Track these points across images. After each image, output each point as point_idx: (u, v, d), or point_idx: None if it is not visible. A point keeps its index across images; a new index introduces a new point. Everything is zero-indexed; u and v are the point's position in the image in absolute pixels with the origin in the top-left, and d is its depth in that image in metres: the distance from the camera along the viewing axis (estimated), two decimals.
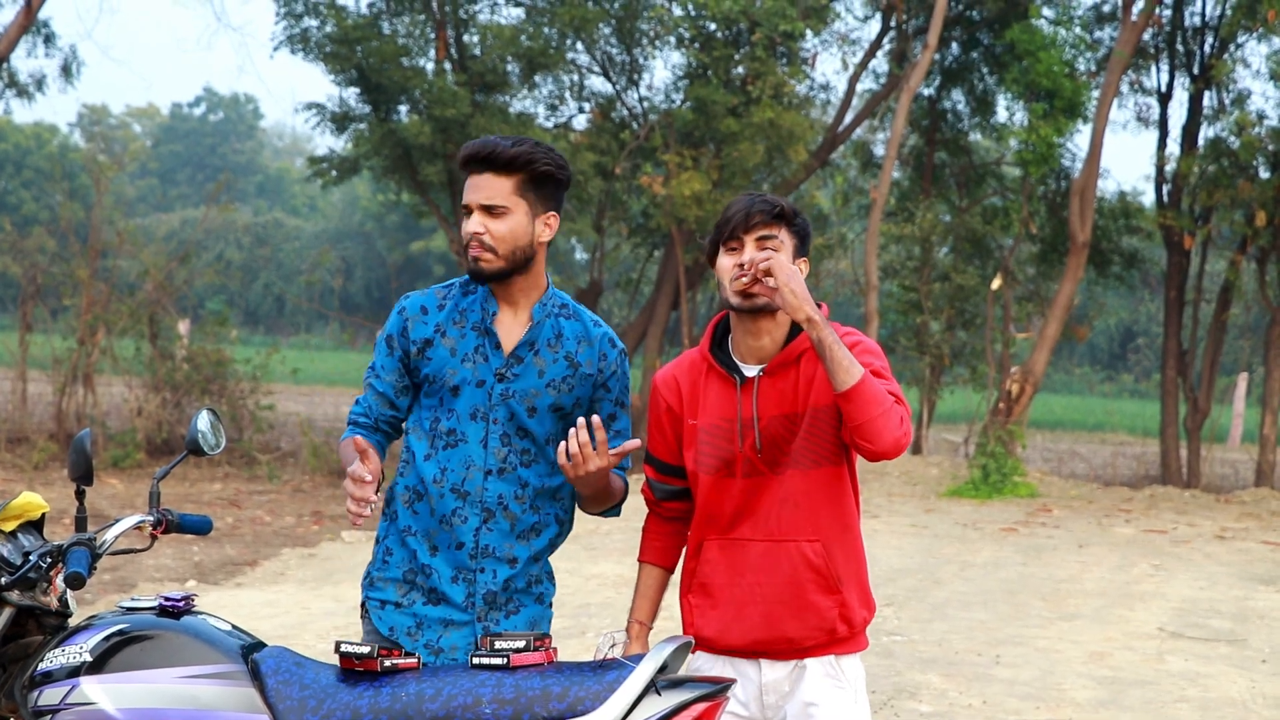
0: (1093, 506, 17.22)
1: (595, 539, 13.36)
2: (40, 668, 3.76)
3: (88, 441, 3.96)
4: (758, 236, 3.83)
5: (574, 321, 4.01)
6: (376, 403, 4.00)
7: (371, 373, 4.02)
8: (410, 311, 3.98)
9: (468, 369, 3.92)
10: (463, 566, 3.92)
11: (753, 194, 3.89)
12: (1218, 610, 10.73)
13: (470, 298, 3.98)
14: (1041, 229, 20.84)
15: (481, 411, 3.91)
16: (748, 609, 3.93)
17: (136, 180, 58.79)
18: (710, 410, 3.95)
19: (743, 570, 3.94)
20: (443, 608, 3.93)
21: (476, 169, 3.86)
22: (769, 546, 3.92)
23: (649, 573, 4.15)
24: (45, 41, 19.99)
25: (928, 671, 8.30)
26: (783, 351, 3.92)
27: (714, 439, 3.94)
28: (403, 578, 3.96)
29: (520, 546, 3.95)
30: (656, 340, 20.25)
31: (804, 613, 3.91)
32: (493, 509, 3.92)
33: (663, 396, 4.04)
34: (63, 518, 12.12)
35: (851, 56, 20.92)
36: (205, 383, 19.31)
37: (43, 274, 20.18)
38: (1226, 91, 21.07)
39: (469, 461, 3.91)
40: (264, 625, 8.94)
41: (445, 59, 19.51)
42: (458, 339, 3.94)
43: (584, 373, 3.97)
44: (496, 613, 3.94)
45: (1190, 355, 21.41)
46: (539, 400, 3.93)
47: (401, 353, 3.97)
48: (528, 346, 3.93)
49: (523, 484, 3.94)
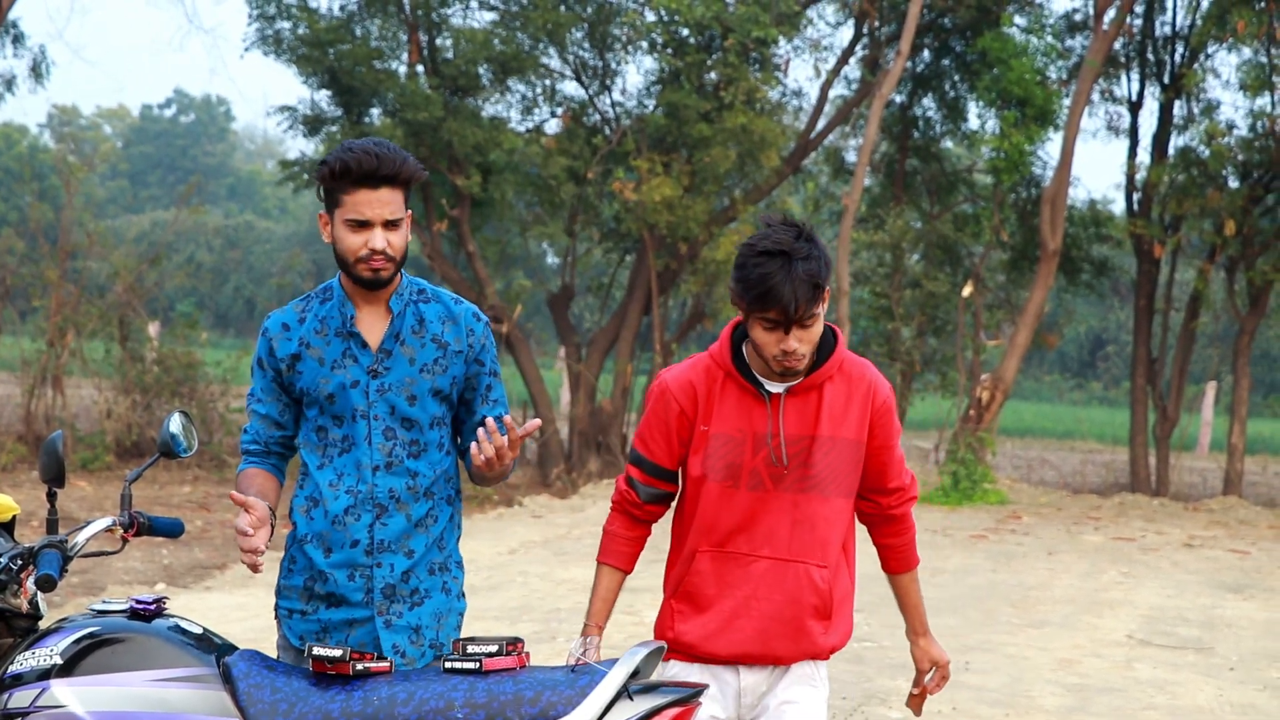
0: (1062, 514, 17.29)
1: (566, 544, 13.36)
2: (10, 670, 3.74)
3: (60, 443, 3.95)
4: (802, 321, 3.79)
5: (434, 304, 4.06)
6: (263, 426, 4.06)
7: (253, 398, 4.07)
8: (273, 331, 4.03)
9: (339, 375, 3.97)
10: (358, 564, 3.96)
11: (787, 267, 3.73)
12: (1186, 618, 10.78)
13: (327, 304, 4.03)
14: (1012, 236, 20.91)
15: (361, 411, 3.96)
16: (739, 622, 3.95)
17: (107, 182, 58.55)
18: (726, 419, 3.94)
19: (737, 583, 3.95)
20: (343, 609, 3.98)
21: (374, 185, 3.85)
22: (775, 564, 3.94)
23: (610, 575, 4.12)
24: (14, 42, 19.89)
25: (898, 677, 8.31)
26: (810, 376, 3.94)
27: (726, 448, 3.94)
28: (304, 585, 4.01)
29: (418, 536, 4.00)
30: (628, 345, 20.24)
31: (797, 634, 3.96)
32: (385, 504, 3.96)
33: (676, 399, 4.00)
34: (30, 520, 12.05)
35: (824, 63, 20.96)
36: (175, 385, 19.22)
37: (11, 275, 20.07)
38: (1196, 101, 21.17)
39: (359, 462, 3.96)
40: (234, 628, 8.91)
41: (418, 62, 19.47)
42: (324, 348, 3.99)
43: (454, 350, 4.02)
44: (399, 605, 3.98)
45: (1159, 363, 21.51)
46: (416, 388, 3.98)
47: (273, 373, 4.02)
48: (393, 338, 3.98)
49: (413, 475, 3.99)
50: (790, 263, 3.73)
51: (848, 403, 3.94)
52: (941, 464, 19.08)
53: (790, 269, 3.72)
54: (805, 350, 3.81)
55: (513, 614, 9.85)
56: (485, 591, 10.68)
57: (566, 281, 21.12)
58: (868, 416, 3.95)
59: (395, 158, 3.85)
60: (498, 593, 10.71)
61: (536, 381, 20.11)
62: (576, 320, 26.97)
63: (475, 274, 19.68)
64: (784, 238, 3.77)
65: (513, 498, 17.31)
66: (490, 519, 15.38)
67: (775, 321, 3.77)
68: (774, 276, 3.72)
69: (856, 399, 3.95)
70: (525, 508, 16.40)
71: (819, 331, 3.83)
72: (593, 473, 19.47)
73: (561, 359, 23.51)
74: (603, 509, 15.44)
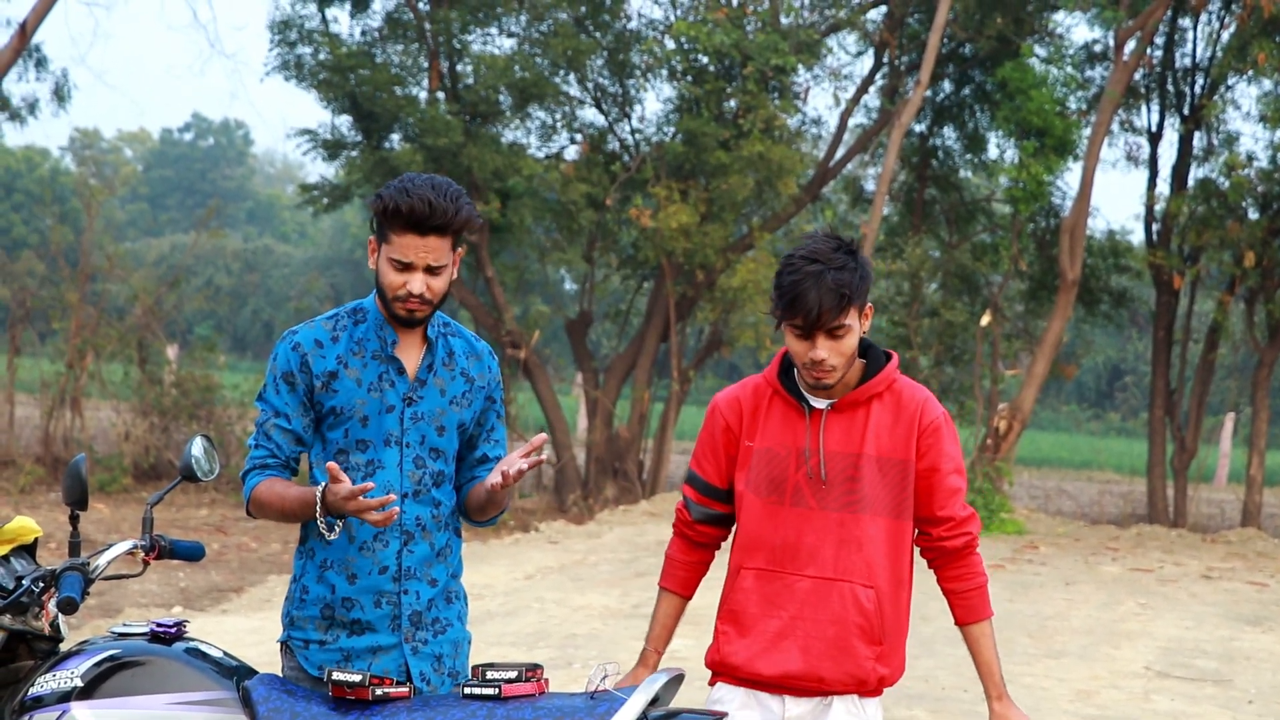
0: (1079, 544, 17.23)
1: (583, 570, 13.34)
2: (31, 692, 3.75)
3: (83, 467, 3.96)
4: (826, 331, 3.81)
5: (459, 339, 4.10)
6: (285, 441, 3.96)
7: (272, 414, 3.95)
8: (306, 346, 3.96)
9: (375, 398, 3.94)
10: (385, 591, 3.94)
11: (819, 274, 3.77)
12: (1204, 650, 10.73)
13: (362, 327, 4.00)
14: (1031, 266, 20.88)
15: (395, 437, 3.95)
16: (785, 642, 3.90)
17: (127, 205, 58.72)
18: (770, 435, 3.95)
19: (783, 603, 3.91)
20: (368, 636, 3.94)
21: (421, 231, 3.83)
22: (819, 584, 3.90)
23: (669, 600, 4.12)
24: (37, 65, 19.99)
25: (914, 708, 8.29)
26: (854, 391, 3.93)
27: (769, 463, 3.93)
28: (320, 614, 3.96)
29: (438, 566, 4.01)
30: (645, 372, 20.25)
31: (842, 656, 3.89)
32: (412, 531, 3.95)
33: (723, 416, 4.02)
34: (49, 542, 12.09)
35: (844, 91, 21.01)
36: (193, 408, 19.28)
37: (32, 297, 20.17)
38: (1216, 133, 21.16)
39: (388, 487, 3.93)
40: (250, 652, 8.90)
41: (438, 88, 19.55)
42: (360, 369, 3.96)
43: (478, 386, 4.07)
44: (423, 632, 3.97)
45: (1178, 395, 21.44)
46: (445, 419, 4.00)
47: (305, 389, 3.95)
48: (427, 369, 3.99)
49: (436, 504, 4.00)
50: (823, 271, 3.77)
51: (895, 422, 3.93)
52: None
53: (820, 277, 3.76)
54: (835, 362, 3.82)
55: (529, 640, 9.84)
56: (501, 617, 10.67)
57: (584, 308, 21.14)
58: (914, 436, 3.93)
59: (448, 209, 3.81)
60: (514, 619, 10.70)
61: (554, 408, 20.13)
62: (594, 346, 26.99)
63: (493, 300, 19.71)
64: (822, 247, 3.81)
65: (529, 523, 17.30)
66: (506, 545, 15.37)
67: (801, 329, 3.79)
68: (804, 283, 3.76)
69: (904, 419, 3.93)
70: (541, 533, 16.38)
71: (851, 345, 3.83)
72: (609, 499, 19.46)
73: (579, 385, 23.52)
74: (619, 535, 15.43)
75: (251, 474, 3.96)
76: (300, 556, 4.03)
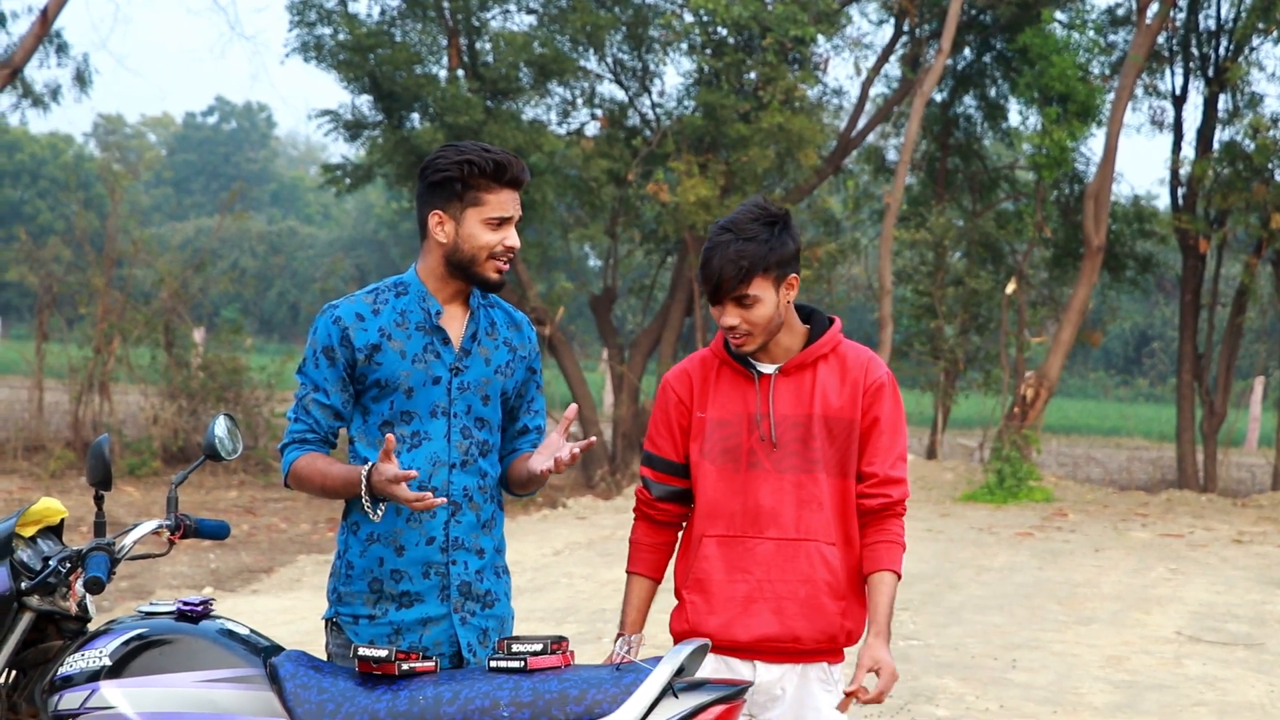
0: (1108, 511, 17.19)
1: (611, 544, 13.38)
2: (60, 672, 3.78)
3: (107, 447, 3.98)
4: (732, 299, 3.87)
5: (498, 309, 4.12)
6: (323, 416, 3.97)
7: (311, 388, 3.96)
8: (347, 320, 3.96)
9: (420, 369, 3.95)
10: (433, 561, 3.95)
11: (725, 244, 3.85)
12: (1235, 614, 10.70)
13: (404, 299, 4.01)
14: (1055, 233, 20.81)
15: (442, 408, 3.96)
16: (755, 605, 3.94)
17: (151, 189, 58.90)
18: (721, 404, 3.99)
19: (747, 567, 3.95)
20: (417, 608, 3.95)
21: (514, 185, 3.97)
22: (782, 545, 3.94)
23: (639, 584, 4.14)
24: (58, 51, 20.03)
25: (944, 676, 8.29)
26: (800, 354, 3.98)
27: (722, 431, 3.97)
28: (369, 588, 3.97)
29: (484, 537, 4.01)
30: (670, 347, 20.25)
31: (814, 614, 3.95)
32: (459, 501, 3.96)
33: (674, 390, 4.05)
34: (79, 525, 12.15)
35: (864, 61, 20.91)
36: (220, 390, 19.36)
37: (59, 283, 20.25)
38: (1241, 95, 21.01)
39: (435, 458, 3.94)
40: (280, 631, 8.95)
41: (458, 66, 19.54)
42: (405, 341, 3.96)
43: (520, 355, 4.10)
44: (473, 603, 3.98)
45: (1206, 359, 21.35)
46: (490, 388, 4.01)
47: (346, 363, 3.95)
48: (471, 338, 4.00)
49: (482, 474, 4.01)
50: (730, 241, 3.85)
51: (841, 382, 3.98)
52: (986, 462, 19.00)
53: (725, 247, 3.84)
54: (746, 329, 3.89)
55: (558, 615, 9.87)
56: (530, 593, 10.70)
57: (608, 283, 21.14)
58: (860, 395, 3.97)
59: (520, 161, 3.98)
60: (543, 594, 10.73)
61: (580, 383, 20.15)
62: (619, 322, 26.99)
63: (517, 277, 19.72)
64: (740, 217, 3.89)
65: (556, 499, 17.34)
66: (534, 521, 15.41)
67: (709, 295, 3.89)
68: (711, 251, 3.87)
69: (850, 379, 3.99)
70: (569, 509, 16.42)
71: (762, 314, 3.87)
72: (636, 474, 19.47)
73: (604, 361, 23.53)
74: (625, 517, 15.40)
75: (290, 448, 3.98)
76: (344, 531, 4.03)
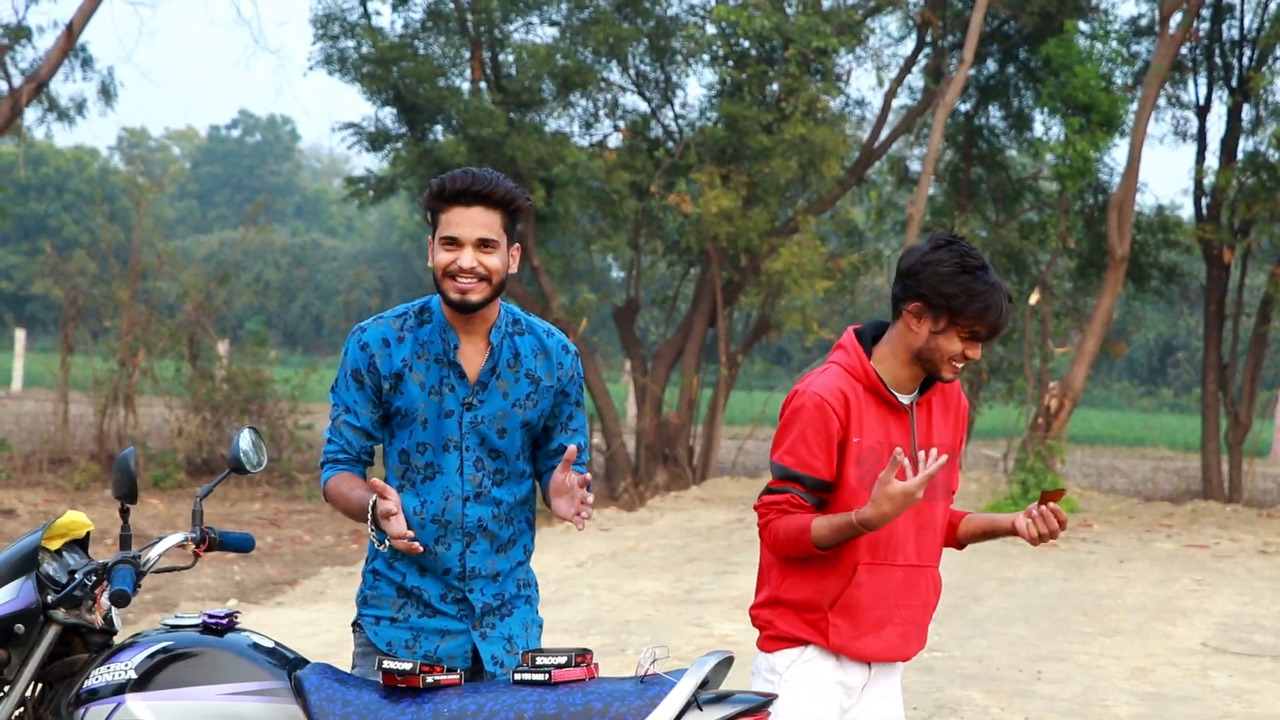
0: (1133, 522, 17.13)
1: (634, 556, 13.36)
2: (86, 685, 3.79)
3: (132, 460, 3.99)
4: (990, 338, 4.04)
5: (528, 336, 4.06)
6: (355, 437, 4.00)
7: (343, 410, 4.00)
8: (374, 346, 3.98)
9: (435, 402, 3.96)
10: (451, 587, 4.00)
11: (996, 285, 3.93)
12: (1261, 625, 10.65)
13: (426, 328, 4.01)
14: (1079, 244, 20.75)
15: (454, 441, 3.97)
16: (886, 629, 4.04)
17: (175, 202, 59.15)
18: (872, 431, 4.00)
19: (887, 593, 4.03)
20: (439, 619, 4.00)
21: (467, 202, 3.90)
22: (909, 571, 4.06)
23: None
24: (84, 65, 20.11)
25: (969, 688, 8.27)
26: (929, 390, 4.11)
27: (873, 459, 3.98)
28: (396, 593, 4.02)
29: (501, 560, 4.03)
30: (693, 358, 20.24)
31: (921, 635, 4.13)
32: (473, 532, 3.98)
33: (834, 412, 3.97)
34: (104, 538, 12.19)
35: (887, 72, 20.90)
36: (245, 403, 19.40)
37: (84, 296, 20.33)
38: (1265, 104, 20.95)
39: (447, 491, 3.97)
40: (305, 644, 8.96)
41: (480, 78, 19.58)
42: (424, 372, 3.97)
43: (545, 385, 4.04)
44: (491, 617, 4.02)
45: (1231, 369, 21.27)
46: (507, 421, 3.99)
47: (373, 388, 3.98)
48: (489, 372, 3.98)
49: (498, 503, 4.01)
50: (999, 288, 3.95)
51: (946, 410, 4.13)
52: (1010, 472, 18.95)
53: (999, 292, 3.94)
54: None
55: (581, 627, 9.86)
56: (554, 604, 10.69)
57: (631, 295, 21.14)
58: (960, 421, 4.17)
59: (490, 179, 3.92)
60: (566, 606, 10.73)
61: (603, 395, 20.14)
62: (642, 333, 27.00)
63: (540, 288, 19.74)
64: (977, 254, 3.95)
65: None
66: (558, 532, 15.40)
67: (982, 335, 3.98)
68: (991, 294, 3.91)
69: (952, 405, 4.16)
70: (593, 521, 16.41)
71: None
72: (659, 485, 19.46)
73: (627, 372, 23.53)
74: (670, 521, 15.43)
75: (326, 466, 4.03)
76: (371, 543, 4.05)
